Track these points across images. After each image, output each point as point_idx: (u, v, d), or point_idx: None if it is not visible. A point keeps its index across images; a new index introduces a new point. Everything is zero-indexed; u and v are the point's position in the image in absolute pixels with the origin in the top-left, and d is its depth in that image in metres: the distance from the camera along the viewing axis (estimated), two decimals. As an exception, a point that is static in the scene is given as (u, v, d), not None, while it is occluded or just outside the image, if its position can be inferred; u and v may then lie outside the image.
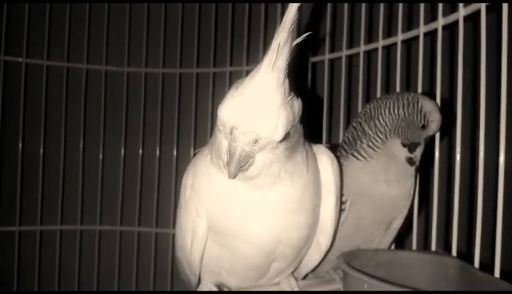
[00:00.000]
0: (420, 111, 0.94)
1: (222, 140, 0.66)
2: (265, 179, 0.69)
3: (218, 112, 0.64)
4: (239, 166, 0.64)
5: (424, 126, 0.95)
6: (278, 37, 0.60)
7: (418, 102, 0.94)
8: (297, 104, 0.68)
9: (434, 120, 0.94)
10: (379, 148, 0.96)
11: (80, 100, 1.58)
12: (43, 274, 1.56)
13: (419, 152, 0.97)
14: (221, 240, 0.78)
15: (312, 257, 0.88)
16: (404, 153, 0.96)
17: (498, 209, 0.77)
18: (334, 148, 0.90)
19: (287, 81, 0.64)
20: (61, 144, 1.56)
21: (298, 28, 0.63)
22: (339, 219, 0.88)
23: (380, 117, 0.97)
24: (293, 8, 0.60)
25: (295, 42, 0.62)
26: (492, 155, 0.83)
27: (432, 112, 0.94)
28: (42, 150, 1.55)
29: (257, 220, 0.73)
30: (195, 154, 0.84)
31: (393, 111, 0.95)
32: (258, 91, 0.61)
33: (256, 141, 0.63)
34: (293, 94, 0.66)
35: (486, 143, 0.84)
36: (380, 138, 0.96)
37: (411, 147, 0.96)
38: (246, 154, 0.64)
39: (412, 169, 0.97)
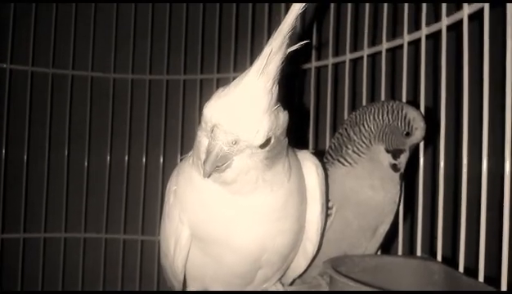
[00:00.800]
0: (404, 118, 0.95)
1: (202, 138, 0.66)
2: (242, 185, 0.68)
3: (203, 109, 0.64)
4: (215, 165, 0.64)
5: (408, 134, 0.96)
6: (272, 42, 0.59)
7: (402, 109, 0.96)
8: (282, 115, 0.67)
9: (418, 128, 0.96)
10: (363, 153, 0.97)
11: (65, 106, 1.56)
12: (27, 283, 1.53)
13: (403, 159, 0.98)
14: (204, 247, 0.77)
15: (299, 263, 0.88)
16: (388, 159, 0.97)
17: (482, 214, 0.78)
18: (319, 154, 0.91)
19: (276, 89, 0.63)
20: (46, 151, 1.55)
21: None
22: (325, 224, 0.88)
23: (365, 122, 0.98)
24: (293, 13, 0.58)
25: (290, 50, 0.62)
26: (476, 162, 0.84)
27: (416, 119, 0.95)
28: (26, 156, 1.53)
29: (238, 226, 0.73)
30: (181, 161, 0.84)
31: (378, 117, 0.97)
32: (245, 93, 0.61)
33: (235, 143, 0.63)
34: (279, 104, 0.66)
35: (469, 150, 0.86)
36: (365, 143, 0.97)
37: (396, 153, 0.97)
38: (224, 154, 0.64)
39: (397, 176, 0.98)
